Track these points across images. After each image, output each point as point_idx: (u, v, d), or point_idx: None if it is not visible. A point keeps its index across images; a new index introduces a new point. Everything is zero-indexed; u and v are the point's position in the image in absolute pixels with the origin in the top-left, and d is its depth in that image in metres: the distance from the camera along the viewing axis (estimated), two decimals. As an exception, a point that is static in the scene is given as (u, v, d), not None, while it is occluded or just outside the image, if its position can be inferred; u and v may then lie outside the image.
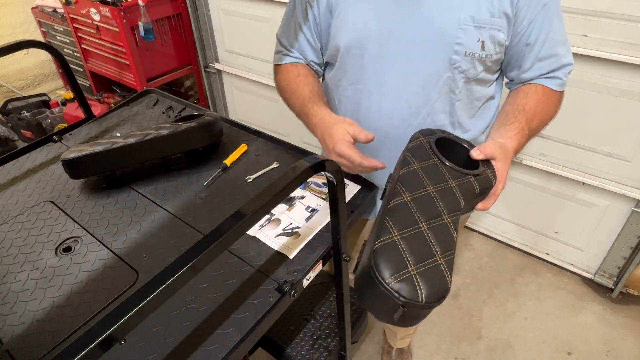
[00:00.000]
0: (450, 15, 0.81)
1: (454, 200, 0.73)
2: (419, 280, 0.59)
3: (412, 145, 0.82)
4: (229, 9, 2.38)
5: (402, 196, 0.71)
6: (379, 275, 0.59)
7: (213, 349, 0.67)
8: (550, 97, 0.91)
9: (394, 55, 0.87)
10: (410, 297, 0.58)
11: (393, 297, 0.58)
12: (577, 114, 1.66)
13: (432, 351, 1.73)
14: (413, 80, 0.88)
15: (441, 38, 0.83)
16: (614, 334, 1.76)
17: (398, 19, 0.84)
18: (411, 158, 0.78)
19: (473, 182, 0.76)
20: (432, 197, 0.72)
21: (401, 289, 0.58)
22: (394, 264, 0.60)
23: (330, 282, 1.28)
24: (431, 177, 0.75)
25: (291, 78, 1.00)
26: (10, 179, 1.07)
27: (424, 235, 0.66)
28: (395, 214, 0.68)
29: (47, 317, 0.73)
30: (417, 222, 0.67)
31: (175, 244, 0.86)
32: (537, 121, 0.89)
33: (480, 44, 0.82)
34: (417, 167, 0.76)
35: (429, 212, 0.70)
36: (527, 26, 0.83)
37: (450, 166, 0.77)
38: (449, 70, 0.86)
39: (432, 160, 0.78)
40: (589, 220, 1.85)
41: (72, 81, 1.22)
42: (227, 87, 2.79)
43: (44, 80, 3.44)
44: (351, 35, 0.89)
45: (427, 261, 0.62)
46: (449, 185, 0.74)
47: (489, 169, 0.80)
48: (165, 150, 1.01)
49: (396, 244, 0.63)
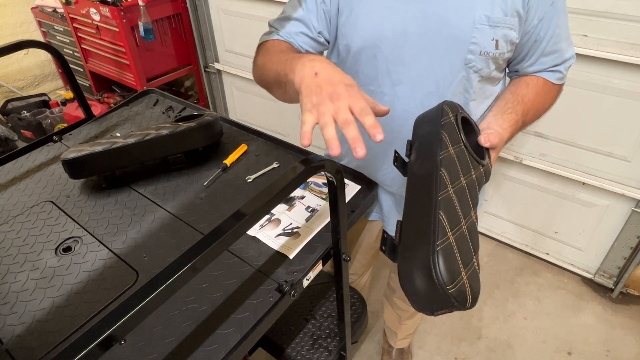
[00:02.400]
0: (465, 15, 0.81)
1: (476, 193, 0.71)
2: (468, 286, 0.59)
3: (444, 121, 0.75)
4: (229, 9, 2.37)
5: (447, 188, 0.67)
6: (442, 280, 0.58)
7: (213, 349, 0.67)
8: (550, 90, 0.93)
9: (409, 56, 0.86)
10: (462, 303, 0.58)
11: (449, 301, 0.58)
12: (577, 114, 1.66)
13: (432, 351, 1.73)
14: (427, 80, 0.88)
15: (456, 38, 0.83)
16: (614, 334, 1.76)
17: (412, 19, 0.83)
18: (447, 139, 0.72)
19: (482, 174, 0.74)
20: (464, 190, 0.69)
21: (458, 295, 0.58)
22: (453, 269, 0.59)
23: (330, 282, 1.28)
24: (463, 166, 0.71)
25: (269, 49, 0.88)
26: (10, 179, 1.07)
27: (465, 234, 0.64)
28: (448, 210, 0.64)
29: (47, 317, 0.73)
30: (460, 220, 0.65)
31: (175, 244, 0.85)
32: (532, 114, 0.91)
33: (495, 42, 0.82)
34: (452, 153, 0.71)
35: (465, 207, 0.67)
36: (537, 24, 0.84)
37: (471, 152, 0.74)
38: (463, 70, 0.86)
39: (459, 145, 0.74)
40: (589, 220, 1.85)
41: (72, 81, 1.22)
42: (227, 87, 2.79)
43: (44, 80, 3.44)
44: (365, 36, 0.87)
45: (470, 263, 0.62)
46: (472, 176, 0.72)
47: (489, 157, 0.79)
48: (165, 150, 1.01)
49: (451, 245, 0.61)
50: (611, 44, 1.47)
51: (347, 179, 0.99)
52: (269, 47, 0.90)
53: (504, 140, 0.84)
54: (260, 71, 0.90)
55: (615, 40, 1.46)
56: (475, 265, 0.63)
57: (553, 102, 0.96)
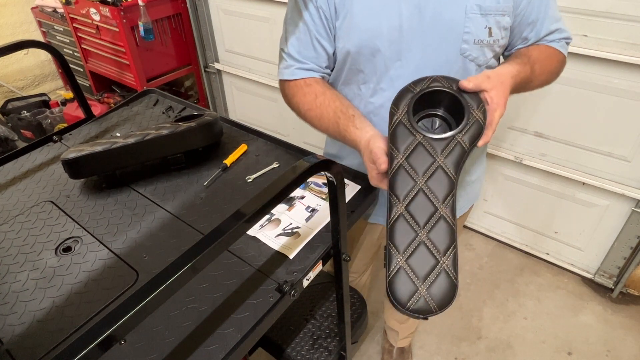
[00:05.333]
0: (457, 5, 0.82)
1: (446, 180, 0.72)
2: (429, 297, 0.67)
3: (392, 129, 0.76)
4: (229, 9, 2.38)
5: (397, 208, 0.71)
6: (398, 304, 0.67)
7: (213, 349, 0.67)
8: (553, 52, 0.93)
9: (406, 51, 0.87)
10: (427, 312, 0.67)
11: (414, 317, 0.67)
12: (577, 114, 1.66)
13: (432, 351, 1.73)
14: (425, 72, 0.87)
15: (450, 29, 0.84)
16: (614, 334, 1.76)
17: (407, 14, 0.84)
18: (393, 149, 0.74)
19: (461, 141, 0.73)
20: (424, 193, 0.72)
21: (418, 309, 0.66)
22: (407, 292, 0.67)
23: (330, 282, 1.28)
24: (418, 165, 0.73)
25: (311, 102, 0.93)
26: (10, 179, 1.07)
27: (425, 244, 0.69)
28: (396, 236, 0.70)
29: (47, 317, 0.73)
30: (417, 233, 0.70)
31: (175, 244, 0.85)
32: (539, 67, 0.88)
33: (488, 30, 0.84)
34: (402, 160, 0.73)
35: (425, 212, 0.71)
36: (527, 5, 0.86)
37: (432, 137, 0.74)
38: (459, 60, 0.87)
39: (415, 140, 0.74)
40: (589, 220, 1.85)
41: (72, 81, 1.22)
42: (227, 87, 2.79)
43: (44, 80, 3.44)
44: (362, 35, 0.87)
45: (432, 272, 0.68)
46: (437, 164, 0.73)
47: (478, 106, 0.75)
48: (165, 150, 1.01)
49: (403, 269, 0.68)
50: (611, 44, 1.47)
51: (347, 179, 0.99)
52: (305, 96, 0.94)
53: (506, 73, 0.79)
54: (304, 118, 0.97)
55: (615, 40, 1.46)
56: (444, 266, 0.68)
57: (558, 67, 0.94)
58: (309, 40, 0.92)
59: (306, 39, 0.92)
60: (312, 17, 0.90)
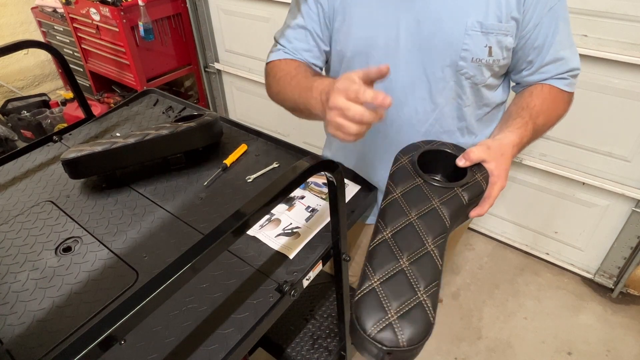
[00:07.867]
0: (457, 22, 0.80)
1: (438, 222, 0.71)
2: (399, 325, 0.59)
3: (393, 170, 0.80)
4: (229, 9, 2.38)
5: (382, 234, 0.70)
6: (361, 327, 0.60)
7: (213, 349, 0.67)
8: (557, 96, 0.89)
9: (401, 62, 0.85)
10: (392, 344, 0.58)
11: (376, 347, 0.59)
12: (577, 114, 1.65)
13: (432, 351, 1.73)
14: (419, 86, 0.87)
15: (448, 44, 0.81)
16: (614, 334, 1.76)
17: (405, 26, 0.82)
18: (392, 186, 0.77)
19: (460, 194, 0.74)
20: (414, 226, 0.70)
21: (383, 338, 0.58)
22: (374, 314, 0.60)
23: (330, 282, 1.28)
24: (413, 203, 0.73)
25: (289, 69, 0.89)
26: (10, 179, 1.07)
27: (405, 273, 0.65)
28: (375, 258, 0.67)
29: (47, 317, 0.73)
30: (398, 260, 0.66)
31: (175, 244, 0.85)
32: (543, 118, 0.86)
33: (488, 49, 0.81)
34: (398, 196, 0.74)
35: (411, 245, 0.68)
36: (533, 29, 0.82)
37: (432, 183, 0.75)
38: (455, 77, 0.85)
39: (414, 182, 0.76)
40: (589, 220, 1.85)
41: (72, 81, 1.22)
42: (227, 87, 2.79)
43: (44, 80, 3.44)
44: (358, 42, 0.87)
45: (408, 302, 0.62)
46: (432, 206, 0.72)
47: (480, 172, 0.77)
48: (165, 150, 1.01)
49: (375, 291, 0.63)
50: (611, 44, 1.47)
51: (347, 179, 0.99)
52: (278, 73, 0.91)
53: (508, 144, 0.80)
54: (276, 97, 0.93)
55: (615, 40, 1.46)
56: (421, 299, 0.62)
57: (564, 107, 0.91)
58: (304, 32, 0.92)
59: (301, 31, 0.92)
60: (310, 10, 0.90)
